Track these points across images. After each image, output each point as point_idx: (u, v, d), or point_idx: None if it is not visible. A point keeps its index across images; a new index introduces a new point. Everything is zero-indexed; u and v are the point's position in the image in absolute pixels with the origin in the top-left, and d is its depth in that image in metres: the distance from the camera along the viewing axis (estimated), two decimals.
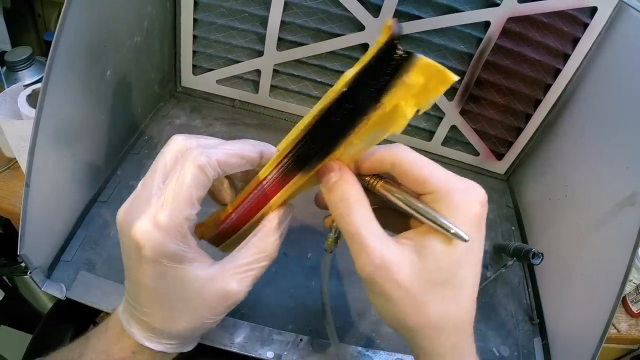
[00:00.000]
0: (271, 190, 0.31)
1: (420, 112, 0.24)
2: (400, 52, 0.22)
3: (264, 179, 0.31)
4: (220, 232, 0.34)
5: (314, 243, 0.52)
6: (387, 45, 0.22)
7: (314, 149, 0.27)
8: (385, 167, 0.27)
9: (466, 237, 0.24)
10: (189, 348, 0.34)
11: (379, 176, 0.28)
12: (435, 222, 0.25)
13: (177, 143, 0.29)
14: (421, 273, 0.25)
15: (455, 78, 0.23)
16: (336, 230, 0.32)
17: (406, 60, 0.22)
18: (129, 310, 0.31)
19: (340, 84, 0.24)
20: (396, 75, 0.23)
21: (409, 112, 0.24)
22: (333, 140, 0.26)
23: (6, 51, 0.70)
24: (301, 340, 0.43)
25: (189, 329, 0.31)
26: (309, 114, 0.27)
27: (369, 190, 0.28)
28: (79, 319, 0.37)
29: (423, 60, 0.22)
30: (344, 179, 0.27)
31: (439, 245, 0.25)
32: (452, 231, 0.24)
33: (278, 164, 0.30)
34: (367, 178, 0.28)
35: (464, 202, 0.25)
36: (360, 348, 0.44)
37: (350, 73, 0.24)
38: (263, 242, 0.31)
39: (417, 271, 0.25)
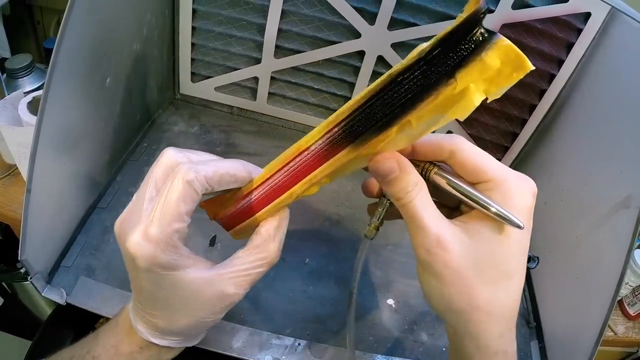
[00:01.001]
0: (313, 162, 0.29)
1: (488, 100, 0.23)
2: (483, 29, 0.21)
3: (306, 150, 0.29)
4: (237, 211, 0.33)
5: (312, 249, 0.52)
6: (471, 18, 0.21)
7: (371, 121, 0.25)
8: (443, 154, 0.28)
9: (522, 224, 0.25)
10: (194, 342, 0.36)
11: (432, 163, 0.29)
12: (491, 210, 0.26)
13: (168, 157, 0.30)
14: (473, 255, 0.26)
15: (532, 67, 0.22)
16: (380, 217, 0.32)
17: (488, 37, 0.22)
18: (136, 309, 0.33)
19: (415, 53, 0.23)
20: (475, 52, 0.22)
21: (477, 97, 0.23)
22: (395, 113, 0.24)
23: (6, 58, 0.70)
24: (299, 344, 0.44)
25: (190, 328, 0.32)
26: (371, 86, 0.25)
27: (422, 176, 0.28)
28: (78, 324, 0.37)
29: (505, 42, 0.21)
30: (405, 170, 0.28)
31: (492, 232, 0.27)
32: (508, 218, 0.25)
33: (327, 133, 0.27)
34: (422, 164, 0.29)
35: (519, 192, 0.26)
36: (358, 352, 0.44)
37: (426, 45, 0.23)
38: (262, 247, 0.32)
39: (469, 253, 0.26)
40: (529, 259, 0.50)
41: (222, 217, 0.34)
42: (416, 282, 0.52)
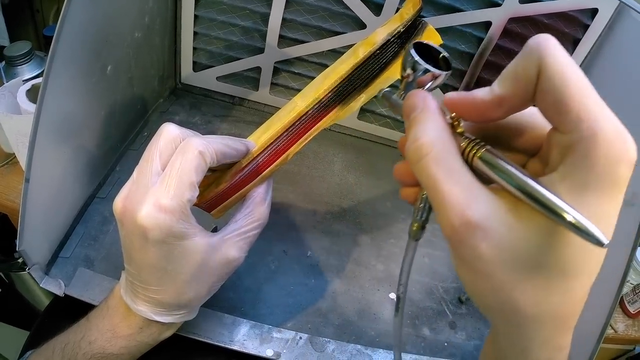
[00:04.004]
0: (309, 124, 0.36)
1: None
2: (423, 20, 0.38)
3: (304, 114, 0.36)
4: (232, 185, 0.36)
5: (314, 241, 0.52)
6: (418, 12, 0.37)
7: (354, 85, 0.36)
8: (527, 81, 0.19)
9: (604, 241, 0.16)
10: (193, 316, 0.37)
11: (478, 142, 0.21)
12: (558, 216, 0.17)
13: (170, 131, 0.31)
14: (519, 245, 0.19)
15: (441, 42, 0.38)
16: (423, 212, 0.26)
17: (424, 24, 0.38)
18: (133, 290, 0.33)
19: (380, 37, 0.36)
20: (417, 34, 0.38)
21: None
22: (371, 77, 0.37)
23: (5, 46, 0.69)
24: (300, 338, 0.43)
25: (197, 298, 0.34)
26: (335, 69, 0.37)
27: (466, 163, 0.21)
28: (76, 315, 0.37)
29: (430, 26, 0.38)
30: (427, 110, 0.22)
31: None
32: (585, 230, 0.16)
33: (323, 97, 0.36)
34: (463, 144, 0.21)
35: (606, 158, 0.17)
36: (359, 346, 0.44)
37: (381, 31, 0.37)
38: (256, 210, 0.35)
39: (513, 240, 0.19)
40: None
41: (209, 198, 0.36)
42: (419, 276, 0.53)
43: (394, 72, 0.37)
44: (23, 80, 0.56)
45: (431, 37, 0.38)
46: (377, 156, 0.63)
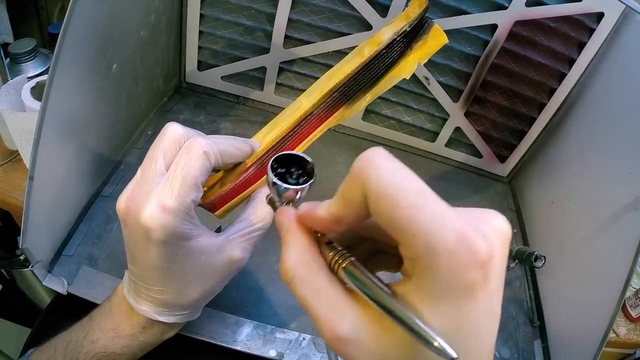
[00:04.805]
0: (315, 124, 0.36)
1: (422, 63, 0.38)
2: (429, 19, 0.37)
3: (310, 115, 0.36)
4: (237, 185, 0.36)
5: None
6: (424, 12, 0.37)
7: (359, 85, 0.37)
8: (356, 204, 0.19)
9: (452, 355, 0.16)
10: (196, 316, 0.36)
11: (344, 254, 0.21)
12: (412, 331, 0.17)
13: (174, 131, 0.31)
14: (387, 353, 0.19)
15: (447, 41, 0.38)
16: None
17: (430, 23, 0.37)
18: (136, 290, 0.33)
19: (380, 38, 0.36)
20: (423, 33, 0.37)
21: (415, 62, 0.38)
22: (377, 77, 0.37)
23: (9, 43, 0.69)
24: (303, 339, 0.43)
25: (201, 298, 0.34)
26: (341, 69, 0.37)
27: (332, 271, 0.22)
28: (79, 313, 0.37)
29: (436, 25, 0.37)
30: (290, 231, 0.23)
31: None
32: (436, 344, 0.17)
33: (328, 98, 0.36)
34: (331, 254, 0.21)
35: (450, 269, 0.17)
36: None
37: (387, 31, 0.37)
38: (260, 211, 0.34)
39: (380, 350, 0.19)
40: (536, 258, 0.51)
41: (213, 198, 0.36)
42: None
43: (399, 72, 0.37)
44: (27, 78, 0.56)
45: (437, 37, 0.38)
46: None
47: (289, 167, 0.26)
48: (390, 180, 0.17)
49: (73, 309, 0.39)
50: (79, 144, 0.45)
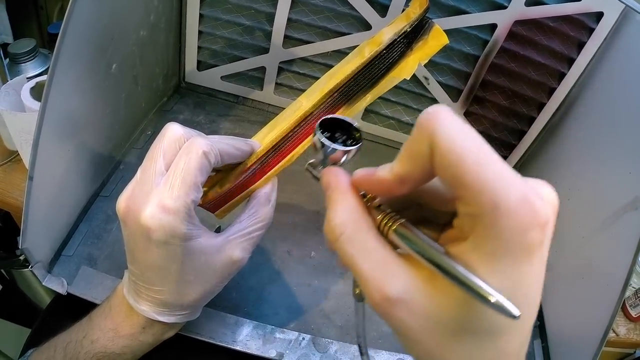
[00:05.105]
0: (316, 123, 0.35)
1: (422, 64, 0.38)
2: (429, 19, 0.37)
3: (310, 115, 0.36)
4: (237, 185, 0.36)
5: (318, 242, 0.52)
6: (425, 12, 0.36)
7: (360, 85, 0.36)
8: (422, 150, 0.18)
9: (515, 314, 0.16)
10: (196, 316, 0.36)
11: (393, 216, 0.21)
12: (470, 289, 0.17)
13: (174, 131, 0.31)
14: (440, 313, 0.19)
15: (447, 41, 0.37)
16: None
17: (431, 24, 0.37)
18: (136, 290, 0.33)
19: (380, 39, 0.36)
20: (424, 34, 0.37)
21: (416, 62, 0.37)
22: (378, 77, 0.37)
23: (8, 43, 0.69)
24: (303, 339, 0.43)
25: (200, 298, 0.34)
26: (341, 69, 0.36)
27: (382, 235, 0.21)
28: (78, 313, 0.37)
29: (437, 26, 0.37)
30: (338, 189, 0.23)
31: None
32: (493, 301, 0.16)
33: (328, 97, 0.36)
34: (379, 217, 0.22)
35: (512, 228, 0.17)
36: None
37: (387, 31, 0.36)
38: (260, 211, 0.35)
39: (433, 311, 0.19)
40: None
41: (213, 199, 0.36)
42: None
43: (400, 72, 0.37)
44: (27, 78, 0.56)
45: (438, 37, 0.38)
46: (381, 157, 0.62)
47: (334, 132, 0.27)
48: (457, 134, 0.17)
49: (73, 309, 0.39)
50: (78, 144, 0.45)
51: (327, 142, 0.26)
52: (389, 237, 0.21)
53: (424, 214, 0.23)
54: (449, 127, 0.17)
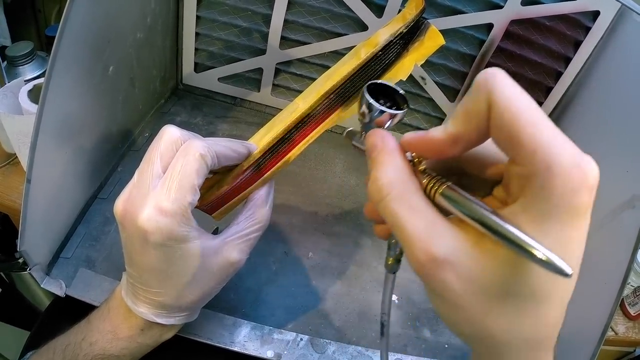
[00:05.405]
0: (313, 126, 0.36)
1: (419, 64, 0.38)
2: (425, 20, 0.37)
3: (307, 117, 0.36)
4: (234, 187, 0.36)
5: (315, 243, 0.52)
6: (421, 13, 0.36)
7: (357, 86, 0.36)
8: (478, 117, 0.19)
9: (568, 272, 0.16)
10: (194, 318, 0.37)
11: (440, 179, 0.22)
12: (521, 248, 0.17)
13: (171, 134, 0.31)
14: (485, 276, 0.19)
15: (444, 42, 0.37)
16: (397, 247, 0.28)
17: (427, 24, 0.37)
18: (134, 292, 0.33)
19: (376, 40, 0.36)
20: (420, 34, 0.37)
21: (412, 63, 0.37)
22: (373, 77, 0.36)
23: (7, 46, 0.69)
24: (301, 339, 0.43)
25: (198, 300, 0.34)
26: (337, 70, 0.36)
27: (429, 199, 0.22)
28: (77, 316, 0.37)
29: (433, 27, 0.37)
30: (386, 150, 0.22)
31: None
32: (545, 259, 0.16)
33: (325, 99, 0.36)
34: (424, 181, 0.22)
35: (564, 189, 0.17)
36: (360, 348, 0.44)
37: (383, 32, 0.36)
38: (257, 212, 0.35)
39: (479, 272, 0.19)
40: None
41: (210, 201, 0.36)
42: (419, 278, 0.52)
43: (396, 73, 0.37)
44: (25, 81, 0.56)
45: (434, 38, 0.38)
46: None
47: (377, 98, 0.27)
48: (514, 94, 0.18)
49: (72, 312, 0.39)
50: (75, 147, 0.45)
51: (375, 104, 0.26)
52: (435, 200, 0.21)
53: (463, 182, 0.23)
54: (507, 86, 0.18)
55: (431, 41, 0.37)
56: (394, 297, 0.49)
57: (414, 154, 0.23)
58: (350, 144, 0.31)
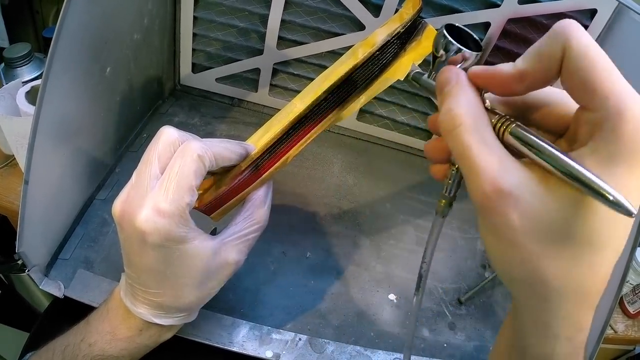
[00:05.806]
0: (310, 127, 0.37)
1: (416, 64, 0.36)
2: (423, 20, 0.37)
3: (304, 117, 0.36)
4: (232, 188, 0.36)
5: (313, 243, 0.52)
6: (418, 13, 0.36)
7: (354, 87, 0.36)
8: (551, 59, 0.20)
9: (633, 211, 0.17)
10: (193, 318, 0.37)
11: (508, 119, 0.22)
12: (587, 186, 0.18)
13: (169, 135, 0.31)
14: (548, 215, 0.19)
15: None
16: (451, 189, 0.27)
17: (424, 24, 0.37)
18: (133, 293, 0.33)
19: (373, 40, 0.36)
20: (417, 34, 0.37)
21: (409, 62, 0.36)
22: (371, 78, 0.37)
23: (4, 47, 0.69)
24: (300, 339, 0.43)
25: (197, 300, 0.34)
26: (335, 70, 0.36)
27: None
28: (76, 316, 0.37)
29: (430, 26, 0.37)
30: (459, 84, 0.23)
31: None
32: (612, 198, 0.17)
33: (322, 100, 0.36)
34: (493, 120, 0.22)
35: (634, 133, 0.18)
36: (359, 347, 0.44)
37: (381, 32, 0.36)
38: (255, 213, 0.35)
39: (542, 211, 0.19)
40: None
41: (208, 201, 0.36)
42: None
43: (393, 73, 0.37)
44: (22, 82, 0.56)
45: (431, 38, 0.37)
46: (377, 157, 0.63)
47: (457, 39, 0.27)
48: (591, 43, 0.19)
49: (71, 313, 0.39)
50: (73, 148, 0.45)
51: (453, 41, 0.26)
52: (504, 139, 0.21)
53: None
54: (584, 35, 0.19)
55: (428, 41, 0.37)
56: (393, 297, 0.49)
57: (480, 94, 0.23)
58: (410, 86, 0.33)
